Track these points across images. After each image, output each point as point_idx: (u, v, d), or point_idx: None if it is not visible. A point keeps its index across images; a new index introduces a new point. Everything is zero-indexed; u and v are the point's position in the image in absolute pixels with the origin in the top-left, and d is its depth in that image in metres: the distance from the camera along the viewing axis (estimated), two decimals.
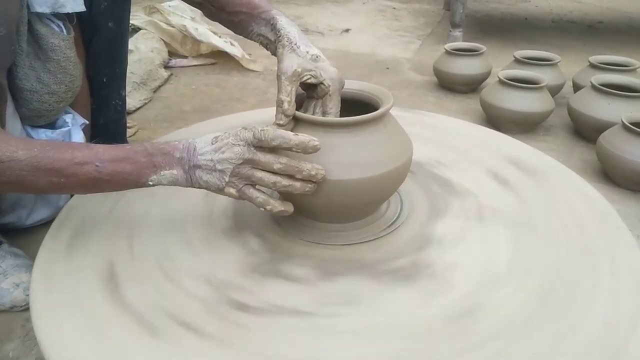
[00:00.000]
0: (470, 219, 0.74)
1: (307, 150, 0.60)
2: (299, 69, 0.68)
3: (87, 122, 1.04)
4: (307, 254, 0.67)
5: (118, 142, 1.13)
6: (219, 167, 0.61)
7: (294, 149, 0.60)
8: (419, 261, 0.66)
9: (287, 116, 0.65)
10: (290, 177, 0.61)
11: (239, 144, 0.60)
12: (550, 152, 1.40)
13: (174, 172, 0.62)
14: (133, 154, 0.62)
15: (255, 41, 0.79)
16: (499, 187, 0.81)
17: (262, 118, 1.01)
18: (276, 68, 0.70)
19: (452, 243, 0.69)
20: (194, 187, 0.63)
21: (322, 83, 0.69)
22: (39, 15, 0.83)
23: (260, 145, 0.61)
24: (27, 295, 0.83)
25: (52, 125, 0.95)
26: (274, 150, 0.62)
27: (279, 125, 0.65)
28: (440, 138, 0.96)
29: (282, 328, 0.56)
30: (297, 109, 0.68)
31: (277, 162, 0.60)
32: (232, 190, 0.62)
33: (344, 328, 0.56)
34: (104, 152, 0.61)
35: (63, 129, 0.95)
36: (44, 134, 0.93)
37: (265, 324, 0.56)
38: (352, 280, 0.63)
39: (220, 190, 0.63)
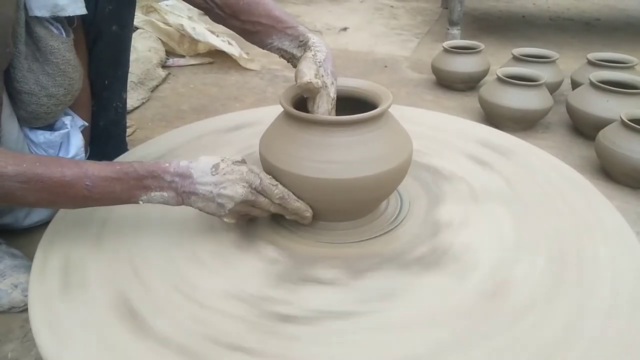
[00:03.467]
0: (467, 201, 0.77)
1: (297, 220, 0.68)
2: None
3: (87, 124, 1.03)
4: (327, 254, 0.67)
5: (118, 144, 1.16)
6: (219, 200, 0.63)
7: (289, 212, 0.67)
8: (438, 246, 0.67)
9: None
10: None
11: (242, 185, 0.63)
12: (550, 150, 1.39)
13: (165, 194, 0.64)
14: (123, 175, 0.63)
15: (272, 52, 0.79)
16: (480, 168, 0.87)
17: (260, 117, 1.01)
18: (274, 67, 0.70)
19: (461, 226, 0.71)
20: (185, 206, 0.65)
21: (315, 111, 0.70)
22: (38, 18, 0.82)
23: (263, 193, 0.65)
24: (26, 296, 0.82)
25: (50, 127, 0.95)
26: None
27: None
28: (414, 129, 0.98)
29: (331, 333, 0.55)
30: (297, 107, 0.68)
31: (273, 204, 0.66)
32: (231, 220, 0.66)
33: (391, 321, 0.56)
34: (94, 171, 0.62)
35: (62, 131, 0.94)
36: (42, 135, 0.92)
37: (314, 331, 0.55)
38: (382, 275, 0.63)
39: (216, 216, 0.66)
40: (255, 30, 0.78)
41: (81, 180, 0.61)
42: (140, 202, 0.64)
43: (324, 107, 0.69)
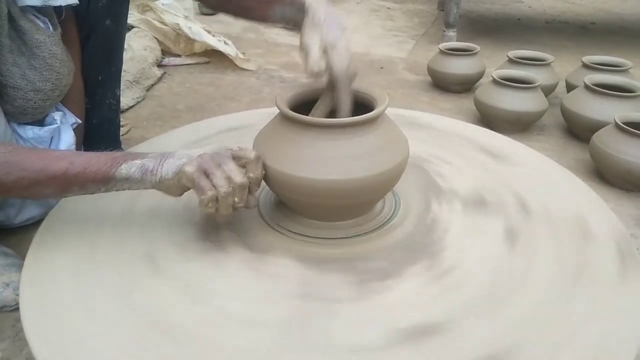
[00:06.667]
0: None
1: (250, 186, 0.63)
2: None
3: (80, 121, 1.02)
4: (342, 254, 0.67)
5: (112, 142, 1.15)
6: (190, 153, 0.64)
7: (250, 176, 0.63)
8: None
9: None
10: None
11: (218, 145, 0.65)
12: (544, 152, 1.39)
13: (145, 160, 0.64)
14: (109, 152, 0.65)
15: (276, 25, 0.77)
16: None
17: (256, 116, 1.01)
18: (270, 67, 0.70)
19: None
20: (155, 179, 0.63)
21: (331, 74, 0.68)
22: (23, 11, 0.81)
23: (235, 157, 0.64)
24: (17, 295, 0.81)
25: (40, 123, 0.93)
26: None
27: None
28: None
29: None
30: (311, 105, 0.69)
31: (238, 172, 0.62)
32: (190, 168, 0.61)
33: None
34: (82, 152, 0.64)
35: (51, 127, 0.93)
36: (30, 131, 0.91)
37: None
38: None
39: (175, 174, 0.62)
40: (252, 5, 0.77)
41: (67, 158, 0.62)
42: (122, 171, 0.62)
43: (337, 64, 0.67)
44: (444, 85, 1.84)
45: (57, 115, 0.95)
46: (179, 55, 2.07)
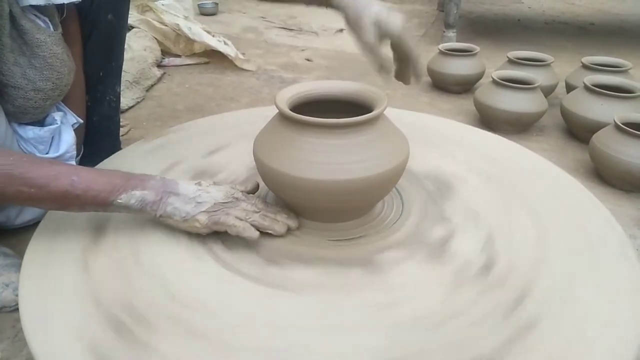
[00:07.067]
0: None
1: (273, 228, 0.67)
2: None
3: (82, 121, 1.02)
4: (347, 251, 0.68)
5: (112, 140, 1.15)
6: (199, 200, 0.65)
7: (266, 223, 0.66)
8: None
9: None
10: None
11: (225, 191, 0.66)
12: (544, 152, 1.40)
13: (146, 192, 0.64)
14: (110, 173, 0.66)
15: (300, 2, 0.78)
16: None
17: (256, 113, 1.00)
18: (270, 68, 0.70)
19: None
20: (156, 214, 0.65)
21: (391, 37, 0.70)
22: (24, 10, 0.82)
23: (244, 200, 0.67)
24: (17, 295, 0.81)
25: (40, 123, 0.93)
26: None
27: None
28: None
29: None
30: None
31: (256, 208, 0.67)
32: (203, 217, 0.64)
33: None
34: (82, 169, 0.64)
35: (52, 127, 0.93)
36: (31, 131, 0.91)
37: None
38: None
39: (185, 220, 0.64)
40: None
41: (68, 175, 0.62)
42: (119, 201, 0.63)
43: (391, 24, 0.69)
44: (443, 85, 1.84)
45: (57, 115, 0.95)
46: (178, 56, 2.07)
